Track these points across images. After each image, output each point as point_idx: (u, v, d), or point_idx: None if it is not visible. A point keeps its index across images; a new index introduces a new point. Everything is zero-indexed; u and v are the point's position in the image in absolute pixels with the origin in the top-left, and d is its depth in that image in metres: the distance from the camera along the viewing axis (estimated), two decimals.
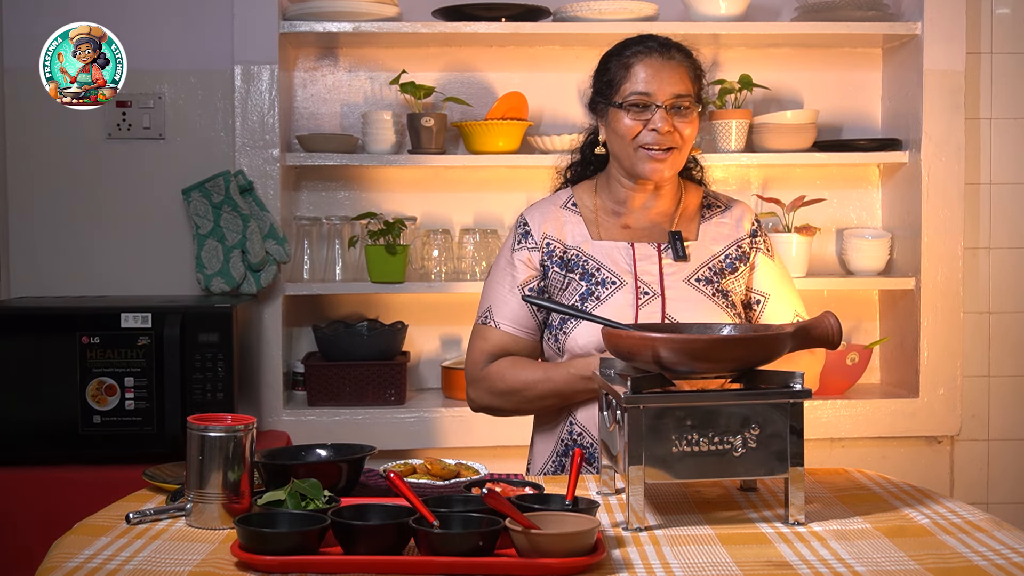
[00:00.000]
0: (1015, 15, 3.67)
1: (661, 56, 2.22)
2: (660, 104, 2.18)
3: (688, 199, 2.33)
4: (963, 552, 1.63)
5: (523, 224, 2.32)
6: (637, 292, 2.22)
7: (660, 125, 2.18)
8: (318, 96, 3.61)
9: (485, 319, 2.29)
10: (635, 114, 2.20)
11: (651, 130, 2.18)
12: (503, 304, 2.28)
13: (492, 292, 2.31)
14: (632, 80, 2.21)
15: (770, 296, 2.29)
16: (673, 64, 2.22)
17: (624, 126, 2.21)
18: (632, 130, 2.20)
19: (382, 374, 3.38)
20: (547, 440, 2.31)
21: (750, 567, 1.57)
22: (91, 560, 1.59)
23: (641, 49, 2.24)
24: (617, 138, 2.23)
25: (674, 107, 2.19)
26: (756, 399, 1.77)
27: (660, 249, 2.26)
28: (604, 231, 2.29)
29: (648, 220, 2.29)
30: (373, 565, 1.54)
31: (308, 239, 3.52)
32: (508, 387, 2.23)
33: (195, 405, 2.87)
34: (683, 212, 2.31)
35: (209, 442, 1.73)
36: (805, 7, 3.51)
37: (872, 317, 3.73)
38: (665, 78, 2.20)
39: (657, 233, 2.28)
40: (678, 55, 2.24)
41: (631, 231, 2.28)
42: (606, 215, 2.30)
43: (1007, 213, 3.70)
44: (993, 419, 3.71)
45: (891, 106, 3.65)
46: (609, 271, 2.23)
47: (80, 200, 3.48)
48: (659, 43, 2.25)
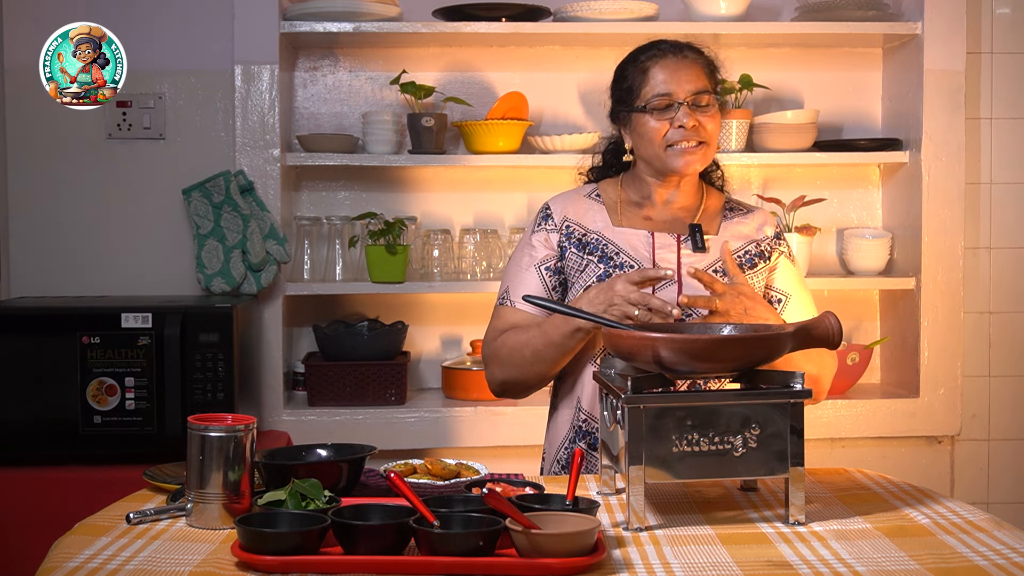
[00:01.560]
0: (1015, 15, 3.67)
1: (675, 56, 2.28)
2: (682, 101, 2.23)
3: (710, 201, 2.37)
4: (963, 552, 1.64)
5: (545, 209, 2.37)
6: None
7: (685, 120, 2.22)
8: (318, 96, 3.61)
9: (503, 300, 2.32)
10: (659, 115, 2.24)
11: (678, 127, 2.23)
12: (520, 284, 2.31)
13: (511, 274, 2.35)
14: (651, 83, 2.26)
15: (792, 296, 2.32)
16: (688, 62, 2.27)
17: (651, 129, 2.25)
18: (659, 131, 2.24)
19: (382, 374, 3.38)
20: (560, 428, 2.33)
21: (750, 567, 1.57)
22: (91, 560, 1.59)
23: (655, 52, 2.29)
24: (645, 142, 2.27)
25: (695, 104, 2.24)
26: (756, 399, 1.77)
27: (680, 240, 2.29)
28: (626, 219, 2.32)
29: (670, 214, 2.33)
30: (373, 565, 1.54)
31: (308, 239, 3.52)
32: (509, 351, 2.25)
33: (195, 405, 2.87)
34: (705, 211, 2.35)
35: (209, 442, 1.73)
36: (805, 7, 3.51)
37: (872, 317, 3.73)
38: (683, 77, 2.25)
39: (678, 226, 2.32)
40: (691, 53, 2.30)
41: (652, 222, 2.32)
42: (629, 206, 2.34)
43: (1007, 213, 3.70)
44: (993, 419, 3.71)
45: (891, 106, 3.65)
46: (628, 256, 2.26)
47: (80, 200, 3.48)
48: (671, 45, 2.30)
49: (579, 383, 2.28)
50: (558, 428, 2.34)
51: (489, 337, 2.32)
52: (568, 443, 2.30)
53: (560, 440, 2.32)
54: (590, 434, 2.27)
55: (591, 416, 2.26)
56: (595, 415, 2.26)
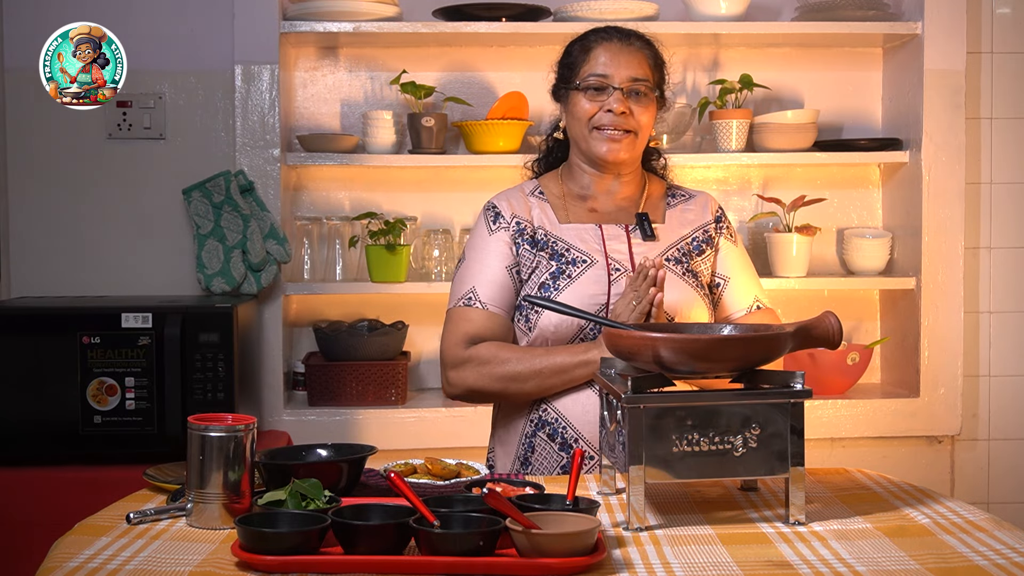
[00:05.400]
0: (1015, 15, 3.67)
1: (621, 41, 2.29)
2: (617, 86, 2.24)
3: (652, 188, 2.38)
4: (963, 552, 1.63)
5: (492, 208, 2.35)
6: (608, 269, 2.25)
7: (615, 106, 2.23)
8: (318, 96, 3.61)
9: (469, 300, 2.26)
10: (592, 96, 2.25)
11: (607, 111, 2.24)
12: (488, 284, 2.26)
13: (472, 275, 2.29)
14: (591, 63, 2.27)
15: (730, 279, 2.34)
16: (632, 49, 2.28)
17: (581, 108, 2.26)
18: (589, 112, 2.25)
19: (383, 374, 3.38)
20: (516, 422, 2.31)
21: (751, 567, 1.57)
22: (91, 560, 1.59)
23: (602, 35, 2.31)
24: (575, 121, 2.28)
25: (631, 91, 2.25)
26: (756, 399, 1.77)
27: (628, 230, 2.30)
28: (572, 214, 2.32)
29: (614, 204, 2.34)
30: (373, 565, 1.54)
31: (308, 239, 3.52)
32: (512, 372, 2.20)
33: (196, 405, 2.87)
34: (648, 199, 2.36)
35: (210, 442, 1.73)
36: (805, 7, 3.51)
37: (873, 317, 3.73)
38: (623, 62, 2.26)
39: (624, 216, 2.33)
40: (638, 42, 2.30)
41: (598, 214, 2.32)
42: (573, 200, 2.34)
43: (1007, 213, 3.70)
44: (993, 419, 3.70)
45: (891, 106, 3.65)
46: (579, 251, 2.26)
47: (80, 200, 3.48)
48: (619, 30, 2.32)
49: None
50: (513, 423, 2.30)
51: (456, 340, 2.25)
52: (527, 437, 2.27)
53: (518, 435, 2.29)
54: (548, 424, 2.25)
55: (551, 407, 2.24)
56: (556, 403, 2.24)
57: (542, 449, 2.26)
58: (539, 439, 2.26)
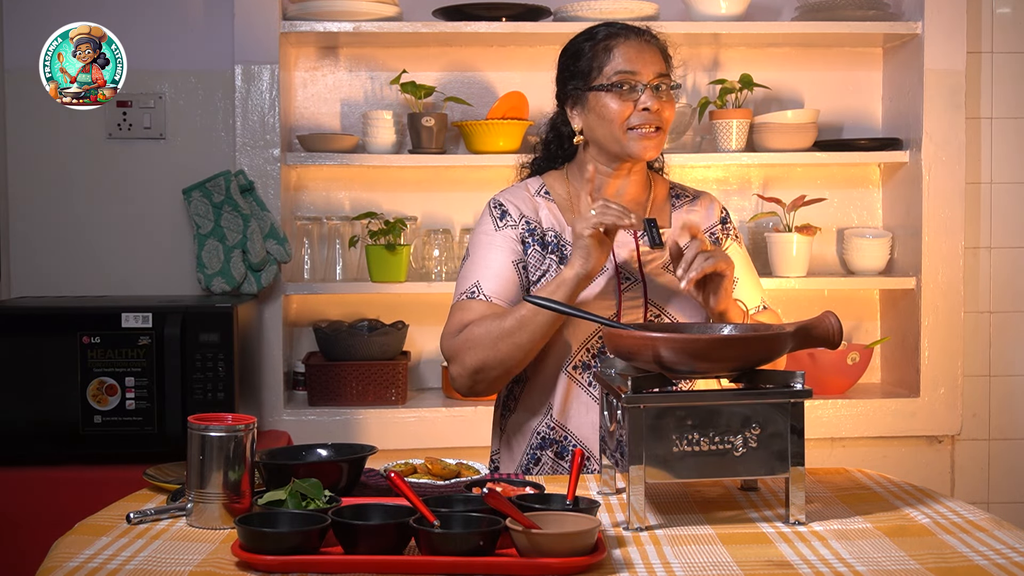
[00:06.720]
0: (1015, 14, 3.67)
1: (639, 38, 2.24)
2: (646, 84, 2.19)
3: (657, 189, 2.36)
4: (964, 552, 1.63)
5: (498, 206, 2.29)
6: (619, 277, 2.23)
7: (650, 104, 2.18)
8: (318, 96, 3.61)
9: (472, 294, 2.22)
10: (622, 95, 2.19)
11: (642, 110, 2.18)
12: (492, 278, 2.22)
13: (477, 270, 2.24)
14: (615, 61, 2.21)
15: (738, 280, 2.31)
16: (650, 46, 2.24)
17: (612, 110, 2.20)
18: (621, 113, 2.19)
19: (383, 374, 3.38)
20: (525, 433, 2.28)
21: (751, 567, 1.57)
22: (91, 560, 1.59)
23: (618, 31, 2.25)
24: (604, 123, 2.21)
25: (657, 87, 2.20)
26: (757, 399, 1.76)
27: (636, 236, 2.28)
28: None
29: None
30: (373, 565, 1.54)
31: (308, 239, 3.52)
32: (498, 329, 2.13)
33: (196, 405, 2.87)
34: (654, 201, 2.34)
35: (210, 442, 1.73)
36: (805, 7, 3.51)
37: (873, 317, 3.73)
38: (647, 58, 2.21)
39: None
40: (651, 38, 2.27)
41: None
42: (580, 201, 2.28)
43: (1008, 212, 3.70)
44: (993, 419, 3.70)
45: (891, 106, 3.65)
46: None
47: (80, 200, 3.48)
48: (630, 27, 2.27)
49: (554, 392, 2.23)
50: (522, 433, 2.27)
51: (450, 331, 2.21)
52: (533, 450, 2.25)
53: (524, 446, 2.27)
54: (557, 443, 2.23)
55: (560, 425, 2.23)
56: (565, 425, 2.23)
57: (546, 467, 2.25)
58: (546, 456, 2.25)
